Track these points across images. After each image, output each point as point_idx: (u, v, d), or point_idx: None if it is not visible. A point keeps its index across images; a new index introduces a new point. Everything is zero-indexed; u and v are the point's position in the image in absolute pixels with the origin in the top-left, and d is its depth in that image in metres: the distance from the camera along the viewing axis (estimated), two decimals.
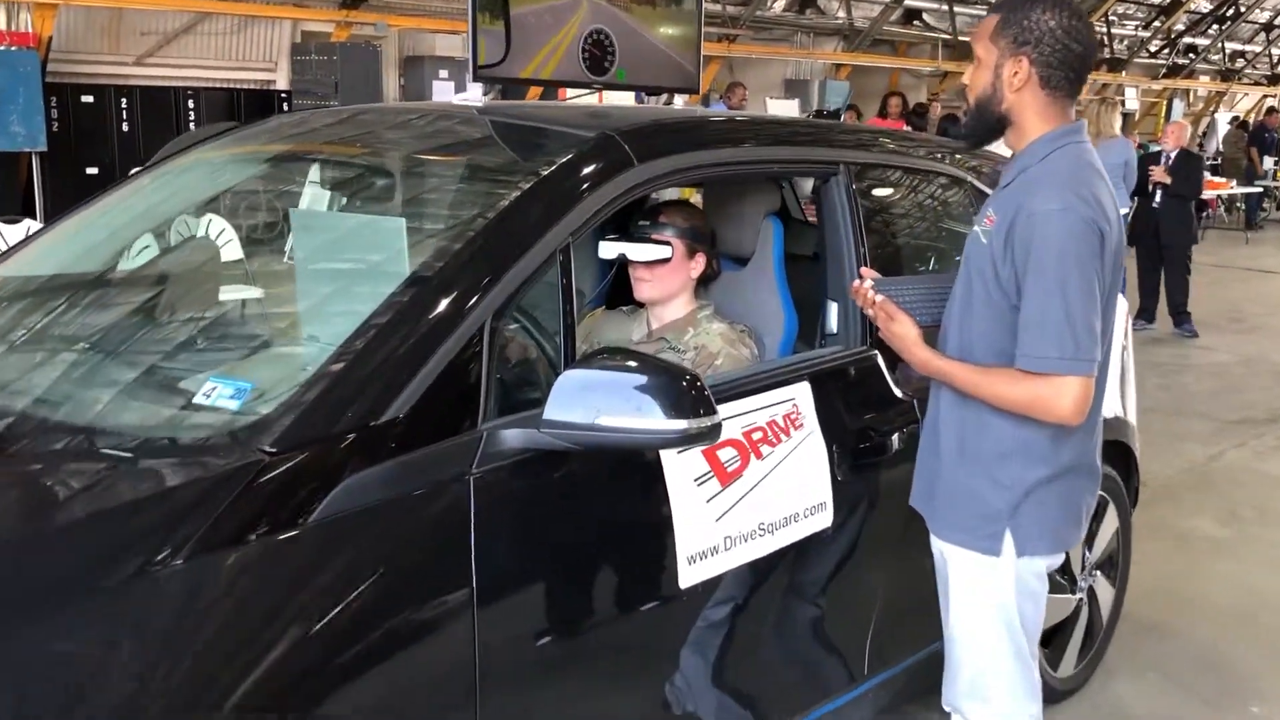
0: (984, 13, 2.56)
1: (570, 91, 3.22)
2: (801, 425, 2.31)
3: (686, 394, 1.79)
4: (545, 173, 2.08)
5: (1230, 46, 23.27)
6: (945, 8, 16.47)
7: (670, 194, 3.57)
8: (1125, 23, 20.58)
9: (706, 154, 2.34)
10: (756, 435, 2.22)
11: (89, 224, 2.52)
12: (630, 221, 2.71)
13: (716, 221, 2.79)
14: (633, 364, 1.84)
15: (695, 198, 3.27)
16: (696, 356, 2.59)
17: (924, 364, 2.18)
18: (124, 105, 10.88)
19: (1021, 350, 1.99)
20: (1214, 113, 23.51)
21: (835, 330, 2.59)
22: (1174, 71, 22.49)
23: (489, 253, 1.91)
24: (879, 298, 2.26)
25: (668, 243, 2.61)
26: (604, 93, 3.27)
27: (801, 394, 2.34)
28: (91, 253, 2.44)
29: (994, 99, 2.10)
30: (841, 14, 16.11)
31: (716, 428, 1.82)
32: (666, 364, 1.86)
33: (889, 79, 17.20)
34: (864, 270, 2.36)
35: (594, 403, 1.79)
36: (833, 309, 2.61)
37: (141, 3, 10.13)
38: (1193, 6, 20.66)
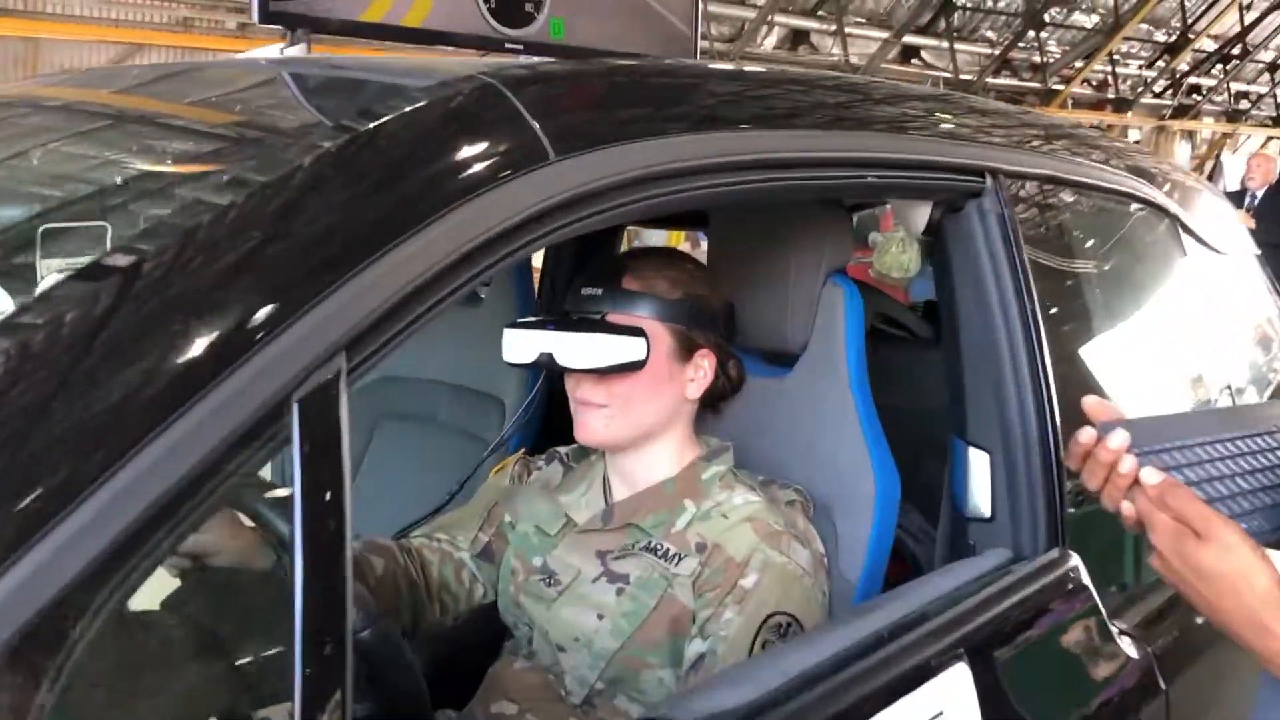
0: (986, 50, 1.28)
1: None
2: None
3: None
4: (269, 182, 0.74)
5: (1235, 87, 22.39)
6: (945, 45, 15.43)
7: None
8: (1129, 61, 19.63)
9: (717, 140, 1.01)
10: None
11: None
12: (566, 286, 1.38)
13: (734, 286, 1.45)
14: None
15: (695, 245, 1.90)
16: (706, 572, 1.24)
17: None
18: None
19: None
20: (1219, 155, 22.57)
21: (990, 512, 1.26)
22: (1180, 113, 21.55)
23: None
24: (1153, 476, 0.93)
25: (638, 330, 1.28)
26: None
27: (955, 695, 1.00)
28: None
29: None
30: (836, 51, 15.02)
31: None
32: None
33: None
34: (1091, 405, 1.03)
35: None
36: (979, 466, 1.28)
37: None
38: (1198, 46, 19.73)
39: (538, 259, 2.75)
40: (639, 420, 1.30)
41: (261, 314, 0.63)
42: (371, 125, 0.77)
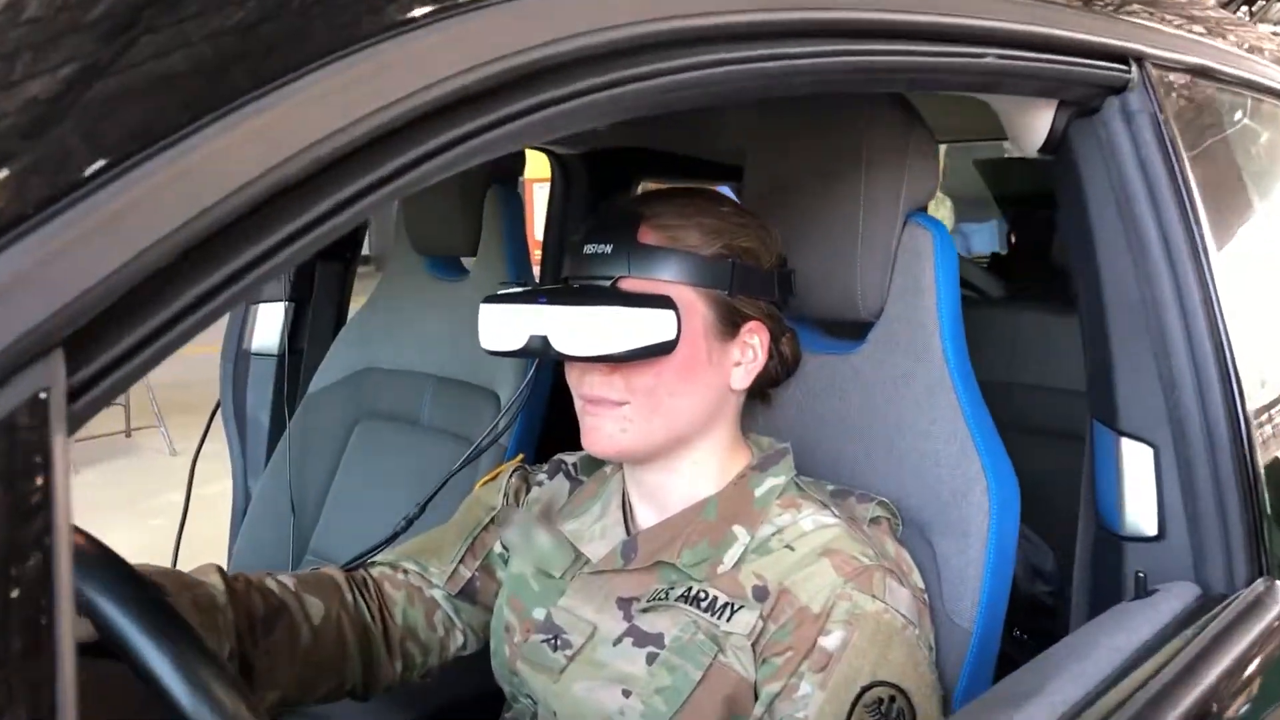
0: None
1: None
2: None
3: None
4: None
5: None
6: None
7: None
8: None
9: None
10: None
11: None
12: (566, 239, 1.02)
13: (784, 231, 1.08)
14: None
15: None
16: (771, 628, 0.89)
17: None
18: None
19: None
20: None
21: (1158, 529, 0.91)
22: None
23: None
24: None
25: (664, 300, 0.91)
26: None
27: None
28: None
29: None
30: None
31: None
32: None
33: None
34: None
35: None
36: (1137, 464, 0.93)
37: None
38: None
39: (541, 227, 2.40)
40: (669, 422, 0.95)
41: None
42: None
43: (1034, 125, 0.97)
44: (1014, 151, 1.07)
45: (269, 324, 1.91)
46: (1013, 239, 2.40)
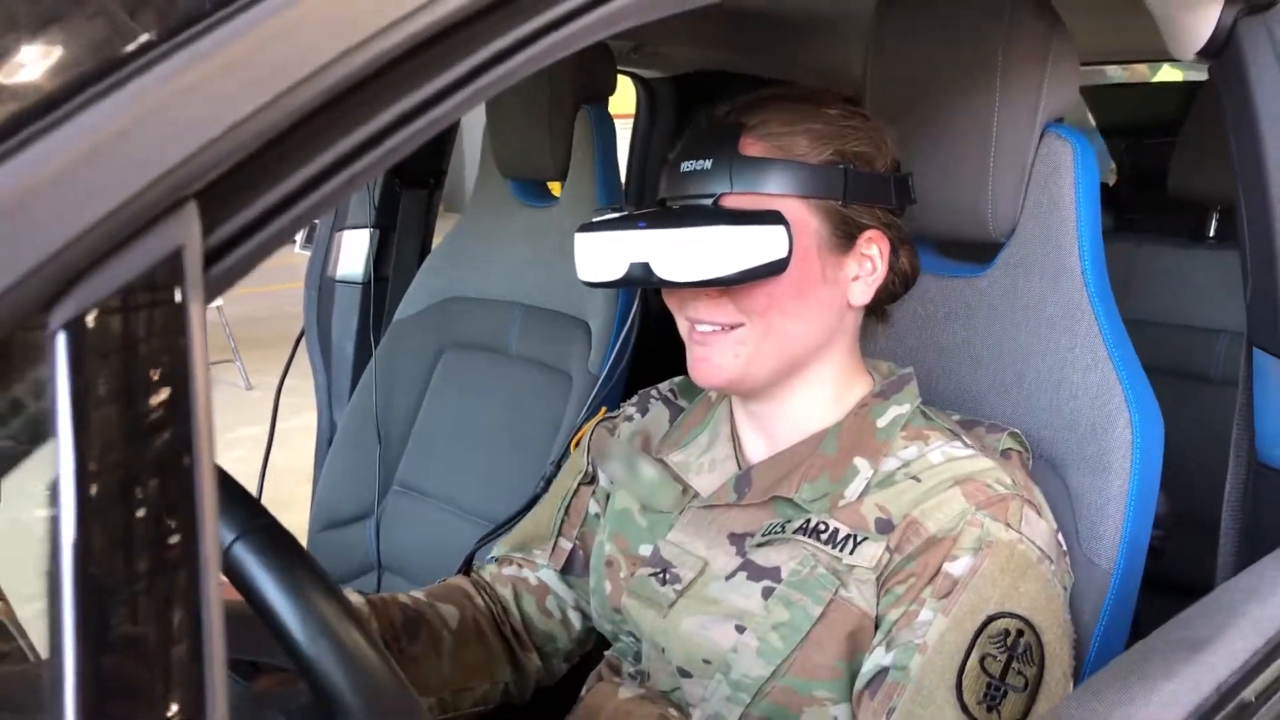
0: None
1: None
2: None
3: None
4: None
5: None
6: None
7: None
8: None
9: None
10: None
11: None
12: (652, 164, 0.95)
13: (909, 146, 1.00)
14: None
15: None
16: (895, 559, 0.83)
17: None
18: None
19: None
20: None
21: None
22: None
23: None
24: None
25: (774, 215, 0.83)
26: None
27: None
28: None
29: None
30: None
31: None
32: None
33: None
34: None
35: None
36: None
37: None
38: None
39: (623, 140, 2.33)
40: (783, 346, 0.89)
41: None
42: None
43: (1196, 24, 0.88)
44: (1122, 78, 0.98)
45: (354, 251, 1.87)
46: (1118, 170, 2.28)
